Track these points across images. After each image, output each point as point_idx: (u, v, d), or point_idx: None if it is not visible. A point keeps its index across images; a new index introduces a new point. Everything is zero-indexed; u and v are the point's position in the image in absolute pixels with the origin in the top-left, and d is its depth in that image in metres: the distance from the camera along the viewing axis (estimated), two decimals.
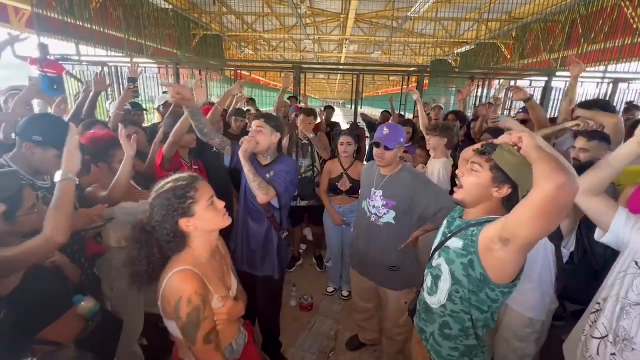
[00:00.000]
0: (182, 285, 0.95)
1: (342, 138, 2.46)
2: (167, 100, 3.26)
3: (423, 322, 1.25)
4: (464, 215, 1.16)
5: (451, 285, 1.09)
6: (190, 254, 1.04)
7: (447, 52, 11.85)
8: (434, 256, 1.20)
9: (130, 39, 7.17)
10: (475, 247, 1.00)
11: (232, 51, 13.06)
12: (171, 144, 1.95)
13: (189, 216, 0.99)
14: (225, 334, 1.09)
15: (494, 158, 1.00)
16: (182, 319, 0.94)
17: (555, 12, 7.14)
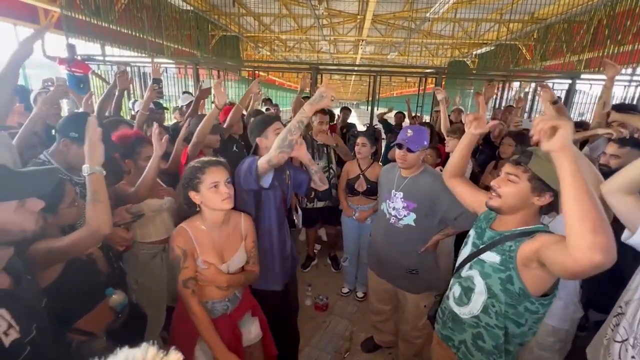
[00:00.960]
0: (173, 237, 1.28)
1: (358, 139, 2.47)
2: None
3: (449, 331, 1.24)
4: (495, 225, 1.14)
5: (487, 298, 1.09)
6: (198, 218, 1.31)
7: (465, 53, 11.65)
8: (463, 267, 1.19)
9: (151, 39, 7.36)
10: (513, 263, 1.00)
11: (249, 51, 13.22)
12: (195, 143, 2.00)
13: (195, 191, 1.26)
14: (207, 291, 1.33)
15: (531, 168, 0.98)
16: (170, 260, 1.29)
17: (579, 12, 6.92)
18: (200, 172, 1.24)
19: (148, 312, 1.78)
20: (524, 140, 2.19)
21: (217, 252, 1.32)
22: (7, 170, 0.74)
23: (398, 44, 11.14)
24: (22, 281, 0.83)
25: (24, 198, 0.76)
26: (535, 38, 9.14)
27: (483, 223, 1.21)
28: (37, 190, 0.78)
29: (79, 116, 1.53)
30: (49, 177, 0.81)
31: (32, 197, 0.78)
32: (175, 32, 8.25)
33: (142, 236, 1.82)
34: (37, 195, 0.79)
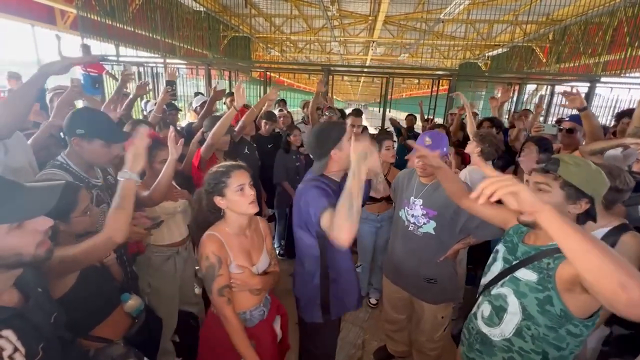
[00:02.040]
0: (205, 245, 1.22)
1: (387, 142, 2.35)
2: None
3: (477, 353, 1.16)
4: (528, 239, 1.08)
5: (521, 320, 1.01)
6: (223, 224, 1.29)
7: (478, 54, 11.48)
8: (495, 284, 1.12)
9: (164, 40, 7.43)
10: (553, 283, 0.94)
11: (259, 52, 13.27)
12: (209, 146, 1.98)
13: (221, 195, 1.24)
14: (241, 301, 1.29)
15: (561, 175, 0.93)
16: (202, 270, 1.21)
17: (597, 13, 6.74)
18: (226, 176, 1.24)
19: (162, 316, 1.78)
20: (548, 146, 2.11)
21: (247, 256, 1.32)
22: (6, 188, 0.69)
23: (409, 46, 11.04)
24: (31, 297, 0.79)
25: (21, 219, 0.70)
26: (550, 40, 8.95)
27: (514, 237, 1.14)
28: (35, 210, 0.72)
29: (81, 112, 1.51)
30: (51, 194, 0.73)
31: (36, 216, 0.72)
32: (187, 33, 8.32)
33: (155, 239, 1.80)
34: (36, 214, 0.72)
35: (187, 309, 2.08)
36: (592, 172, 0.93)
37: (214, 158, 2.08)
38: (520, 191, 0.74)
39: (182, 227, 1.92)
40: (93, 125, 1.36)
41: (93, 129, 1.35)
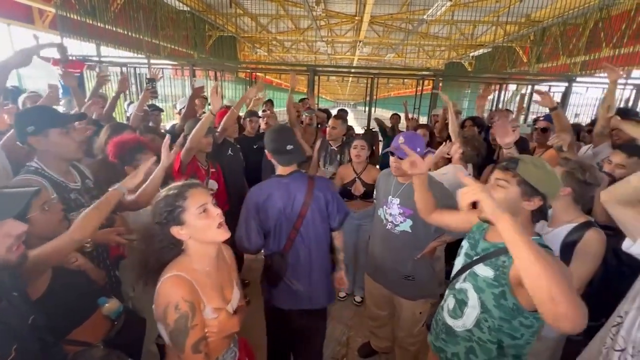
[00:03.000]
0: (170, 291, 0.95)
1: (356, 142, 2.46)
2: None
3: (442, 342, 1.24)
4: (489, 236, 1.14)
5: (480, 313, 1.09)
6: (187, 260, 1.03)
7: (462, 54, 11.70)
8: (458, 278, 1.19)
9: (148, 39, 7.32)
10: (506, 280, 1.01)
11: (246, 52, 13.20)
12: (188, 149, 1.98)
13: (180, 224, 1.00)
14: (213, 347, 1.05)
15: (519, 173, 1.00)
16: (170, 325, 0.93)
17: (575, 15, 6.97)
18: (181, 199, 1.00)
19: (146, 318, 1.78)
20: (524, 145, 2.19)
21: (220, 293, 1.08)
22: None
23: (395, 45, 11.17)
24: (3, 299, 0.79)
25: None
26: (531, 40, 9.20)
27: (476, 234, 1.21)
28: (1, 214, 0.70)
29: (22, 113, 1.48)
30: (14, 202, 0.72)
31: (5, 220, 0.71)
32: (171, 33, 8.22)
33: None
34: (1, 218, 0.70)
35: None
36: (547, 173, 1.00)
37: (194, 161, 2.09)
38: (483, 200, 0.87)
39: None
40: (39, 118, 1.32)
41: (41, 121, 1.31)
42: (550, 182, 1.00)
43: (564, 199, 1.46)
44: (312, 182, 1.57)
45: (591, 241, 1.37)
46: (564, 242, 1.43)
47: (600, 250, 1.37)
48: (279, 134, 1.56)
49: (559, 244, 1.45)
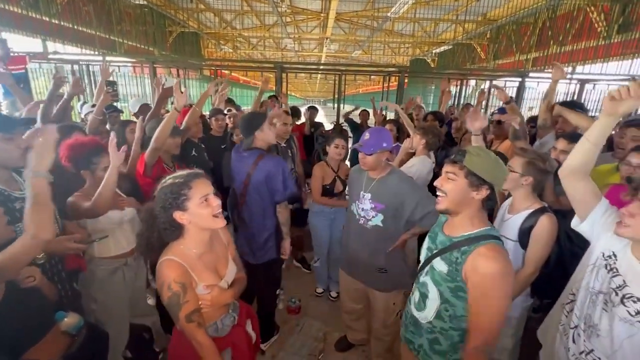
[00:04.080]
0: (164, 273, 1.11)
1: (337, 141, 2.45)
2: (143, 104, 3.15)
3: (410, 334, 1.29)
4: (446, 228, 1.19)
5: (440, 304, 1.14)
6: (181, 244, 1.16)
7: (426, 51, 12.11)
8: (422, 272, 1.23)
9: (101, 35, 6.86)
10: (460, 276, 1.06)
11: (210, 49, 12.78)
12: (153, 149, 1.88)
13: (183, 210, 1.11)
14: (211, 314, 1.23)
15: (465, 164, 1.05)
16: (165, 300, 1.11)
17: (526, 14, 7.45)
18: (186, 188, 1.10)
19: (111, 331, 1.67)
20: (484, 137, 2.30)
21: (212, 271, 1.22)
22: None
23: (362, 43, 11.33)
24: None
25: None
26: (488, 38, 9.72)
27: (436, 227, 1.26)
28: None
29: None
30: None
31: None
32: (128, 28, 7.75)
33: (100, 251, 1.69)
34: None
35: (138, 322, 1.99)
36: (492, 163, 1.05)
37: (160, 162, 1.99)
38: None
39: (130, 237, 1.81)
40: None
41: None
42: (496, 171, 1.05)
43: (525, 187, 1.55)
44: (260, 158, 1.91)
45: (544, 225, 1.47)
46: (521, 228, 1.53)
47: (552, 234, 1.47)
48: (250, 120, 1.96)
49: (517, 229, 1.55)
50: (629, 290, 0.97)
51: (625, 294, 0.98)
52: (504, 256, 1.02)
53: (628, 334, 0.96)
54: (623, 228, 0.98)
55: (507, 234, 1.58)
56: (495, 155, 1.09)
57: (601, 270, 1.08)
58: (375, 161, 1.70)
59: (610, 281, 1.03)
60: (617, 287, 1.01)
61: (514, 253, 1.57)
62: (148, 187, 2.00)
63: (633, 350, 0.94)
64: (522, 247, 1.55)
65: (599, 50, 6.31)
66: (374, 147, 1.66)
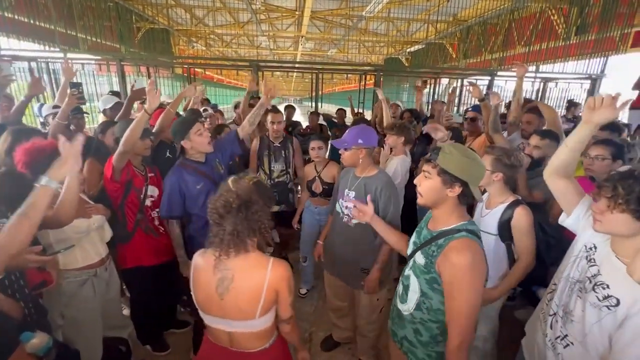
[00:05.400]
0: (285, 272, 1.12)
1: (313, 143, 2.47)
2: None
3: (396, 326, 1.32)
4: (430, 224, 1.22)
5: (419, 296, 1.16)
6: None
7: (400, 50, 12.34)
8: (407, 265, 1.26)
9: (61, 30, 6.42)
10: (434, 268, 1.09)
11: (182, 46, 12.33)
12: (121, 153, 1.76)
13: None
14: None
15: (439, 163, 1.07)
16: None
17: (493, 15, 7.77)
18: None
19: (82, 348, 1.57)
20: (457, 134, 2.37)
21: None
22: None
23: (337, 41, 11.36)
24: None
25: None
26: (458, 38, 10.04)
27: (423, 222, 1.29)
28: None
29: None
30: None
31: None
32: (91, 23, 7.31)
33: (65, 263, 1.58)
34: None
35: (113, 334, 1.88)
36: (465, 160, 1.06)
37: (129, 166, 1.87)
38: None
39: (99, 246, 1.71)
40: None
41: None
42: (469, 169, 1.06)
43: (497, 183, 1.62)
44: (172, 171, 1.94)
45: (521, 216, 1.55)
46: (500, 221, 1.60)
47: (530, 222, 1.55)
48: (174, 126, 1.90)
49: (496, 223, 1.61)
50: (601, 279, 1.03)
51: (597, 282, 1.03)
52: (475, 250, 1.04)
53: (596, 318, 1.01)
54: (596, 223, 1.03)
55: (486, 228, 1.64)
56: (470, 152, 1.11)
57: (582, 262, 1.13)
58: (351, 157, 1.71)
59: (587, 270, 1.09)
60: (592, 275, 1.06)
61: (496, 247, 1.63)
62: (116, 193, 1.90)
63: (601, 334, 1.00)
64: (502, 240, 1.61)
65: (559, 50, 6.69)
66: (348, 142, 1.68)
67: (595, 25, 5.77)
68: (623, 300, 0.95)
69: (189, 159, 1.90)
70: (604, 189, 0.98)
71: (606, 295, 0.99)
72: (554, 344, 1.15)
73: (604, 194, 0.98)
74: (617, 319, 0.96)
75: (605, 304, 0.99)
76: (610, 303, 0.98)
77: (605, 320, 0.98)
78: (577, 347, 1.06)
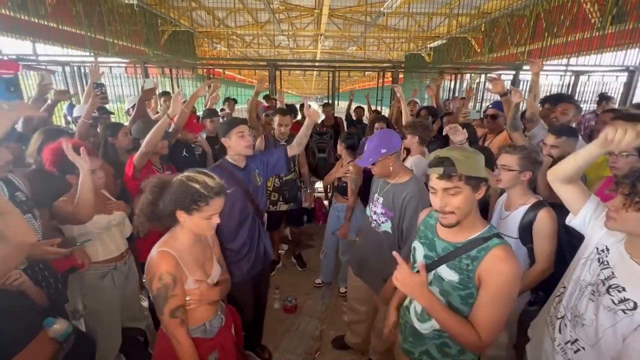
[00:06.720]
0: (158, 263, 1.13)
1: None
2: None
3: (409, 344, 1.23)
4: (442, 234, 1.13)
5: None
6: (175, 236, 1.20)
7: (420, 46, 12.06)
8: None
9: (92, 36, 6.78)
10: (472, 283, 1.02)
11: (204, 47, 12.68)
12: (143, 153, 1.86)
13: (187, 213, 1.15)
14: (199, 314, 1.25)
15: (462, 172, 0.97)
16: (153, 291, 1.12)
17: (520, 6, 7.42)
18: (205, 202, 1.13)
19: (101, 337, 1.66)
20: (471, 131, 2.29)
21: (201, 268, 1.26)
22: None
23: (356, 38, 11.27)
24: None
25: None
26: (483, 31, 9.67)
27: (428, 232, 1.19)
28: None
29: None
30: None
31: None
32: (119, 28, 7.67)
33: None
34: None
35: (132, 325, 1.97)
36: (474, 157, 1.01)
37: (149, 164, 1.97)
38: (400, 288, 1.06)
39: (119, 241, 1.80)
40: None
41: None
42: (480, 163, 1.02)
43: (523, 183, 1.54)
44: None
45: (544, 219, 1.47)
46: (521, 224, 1.52)
47: (554, 226, 1.47)
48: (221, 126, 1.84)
49: (516, 226, 1.53)
50: (616, 281, 0.97)
51: (612, 284, 0.98)
52: (516, 257, 1.00)
53: (611, 322, 0.95)
54: (610, 221, 0.97)
55: (506, 231, 1.57)
56: (468, 148, 1.07)
57: (593, 264, 1.08)
58: (382, 169, 1.62)
59: (600, 273, 1.03)
60: (605, 278, 1.01)
61: (516, 250, 1.56)
62: (137, 190, 1.99)
63: (615, 339, 0.94)
64: (523, 243, 1.54)
65: (593, 41, 6.29)
66: (372, 156, 1.58)
67: (633, 14, 5.37)
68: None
69: (228, 160, 1.84)
70: (622, 185, 0.92)
71: (622, 299, 0.93)
72: (563, 349, 1.10)
73: (621, 191, 0.92)
74: (634, 323, 0.90)
75: (621, 308, 0.93)
76: (626, 307, 0.92)
77: (621, 324, 0.93)
78: (589, 352, 1.01)
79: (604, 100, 3.94)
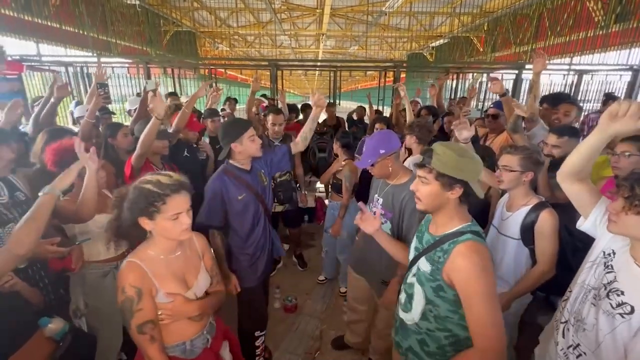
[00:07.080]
0: (122, 275, 1.06)
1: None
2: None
3: (399, 337, 1.26)
4: (431, 227, 1.17)
5: (424, 305, 1.11)
6: (147, 246, 1.12)
7: (423, 45, 12.02)
8: (410, 272, 1.20)
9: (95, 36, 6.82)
10: (439, 275, 1.03)
11: (207, 47, 12.72)
12: (139, 155, 1.86)
13: (149, 219, 1.06)
14: (178, 330, 1.15)
15: (433, 167, 1.01)
16: (119, 304, 1.05)
17: (523, 5, 7.37)
18: (160, 200, 1.03)
19: (102, 336, 1.67)
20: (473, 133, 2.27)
21: (179, 280, 1.15)
22: None
23: (358, 38, 11.25)
24: None
25: None
26: (485, 30, 9.62)
27: (423, 226, 1.23)
28: None
29: None
30: None
31: None
32: (122, 28, 7.71)
33: (89, 255, 1.68)
34: None
35: None
36: (460, 159, 1.00)
37: (148, 164, 1.97)
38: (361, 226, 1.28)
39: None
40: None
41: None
42: (465, 166, 1.01)
43: (525, 184, 1.53)
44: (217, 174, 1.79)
45: (546, 220, 1.46)
46: (523, 224, 1.51)
47: (555, 227, 1.46)
48: (227, 129, 1.74)
49: (518, 227, 1.52)
50: (617, 285, 0.96)
51: (612, 288, 0.97)
52: (483, 252, 1.00)
53: (610, 327, 0.94)
54: (611, 224, 0.96)
55: (508, 232, 1.56)
56: (462, 148, 1.05)
57: (599, 268, 1.06)
58: (381, 170, 1.61)
59: (604, 277, 1.02)
60: (608, 282, 0.99)
61: (517, 251, 1.55)
62: None
63: (615, 345, 0.93)
64: (525, 244, 1.53)
65: (597, 40, 6.23)
66: (371, 158, 1.57)
67: (637, 12, 5.32)
68: (638, 307, 0.88)
69: (233, 164, 1.75)
70: (622, 188, 0.91)
71: (620, 302, 0.93)
72: (566, 354, 1.09)
73: (621, 194, 0.91)
74: (632, 328, 0.89)
75: (619, 312, 0.92)
76: (624, 310, 0.91)
77: (620, 329, 0.92)
78: (590, 358, 1.00)
79: (610, 99, 3.91)
